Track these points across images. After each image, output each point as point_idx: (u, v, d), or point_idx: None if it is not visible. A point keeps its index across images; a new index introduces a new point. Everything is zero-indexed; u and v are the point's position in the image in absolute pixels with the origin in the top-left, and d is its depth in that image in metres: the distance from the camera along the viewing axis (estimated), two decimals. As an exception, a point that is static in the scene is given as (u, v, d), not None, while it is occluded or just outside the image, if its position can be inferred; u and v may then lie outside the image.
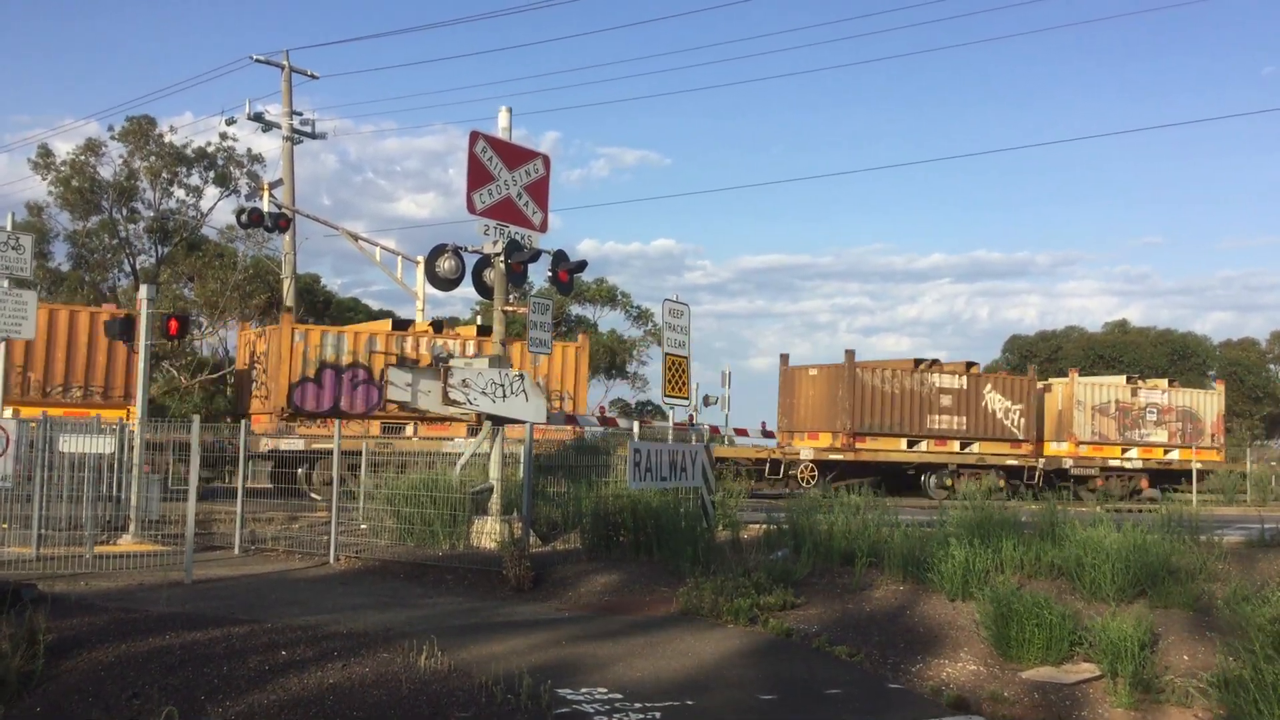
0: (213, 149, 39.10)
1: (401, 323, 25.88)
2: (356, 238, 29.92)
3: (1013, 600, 8.36)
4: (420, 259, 26.74)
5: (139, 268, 39.16)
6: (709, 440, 15.39)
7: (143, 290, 15.82)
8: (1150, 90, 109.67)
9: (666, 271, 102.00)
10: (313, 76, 32.74)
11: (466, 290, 66.87)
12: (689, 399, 14.34)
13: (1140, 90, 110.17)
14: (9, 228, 14.37)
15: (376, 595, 10.88)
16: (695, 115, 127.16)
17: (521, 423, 13.29)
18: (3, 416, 12.98)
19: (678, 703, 6.91)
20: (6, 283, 13.85)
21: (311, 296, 42.29)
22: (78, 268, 38.81)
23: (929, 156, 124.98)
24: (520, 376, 13.34)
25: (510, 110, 15.58)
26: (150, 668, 7.08)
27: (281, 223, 26.92)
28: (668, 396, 13.68)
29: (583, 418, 21.82)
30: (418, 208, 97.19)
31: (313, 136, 32.23)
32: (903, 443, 30.01)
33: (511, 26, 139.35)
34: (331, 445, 13.00)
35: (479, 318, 33.94)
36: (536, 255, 15.12)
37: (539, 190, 15.38)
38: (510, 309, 15.49)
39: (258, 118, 31.25)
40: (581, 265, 15.92)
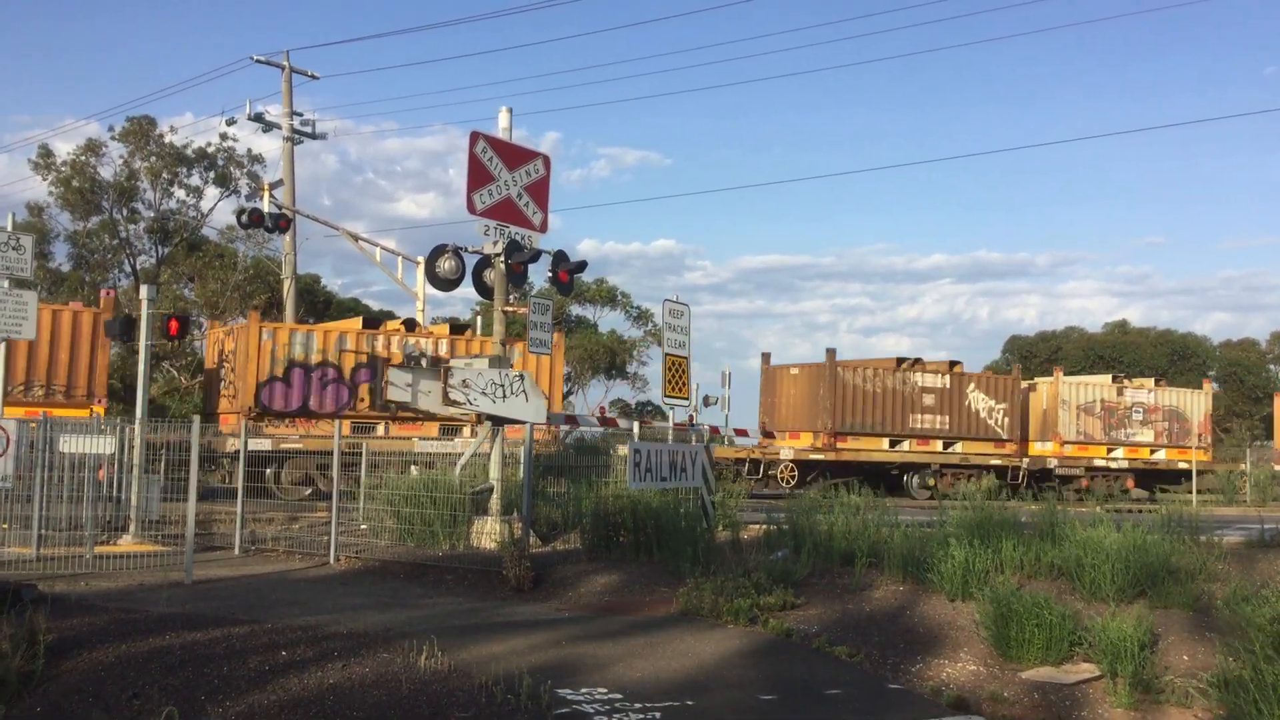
0: (213, 149, 39.16)
1: (372, 321, 25.80)
2: (357, 238, 29.93)
3: (1013, 600, 8.37)
4: (420, 259, 26.75)
5: (139, 268, 39.19)
6: (709, 440, 15.41)
7: (143, 290, 15.83)
8: (1152, 90, 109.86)
9: (667, 272, 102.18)
10: (313, 77, 32.76)
11: (467, 290, 66.97)
12: (689, 399, 14.35)
13: (1142, 90, 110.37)
14: (9, 228, 14.36)
15: (376, 595, 10.89)
16: (697, 115, 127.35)
17: (521, 423, 13.31)
18: (2, 417, 12.98)
19: (678, 703, 6.92)
20: (7, 283, 13.85)
21: (312, 297, 42.31)
22: (78, 268, 38.83)
23: (931, 157, 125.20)
24: (520, 377, 13.36)
25: (510, 111, 15.61)
26: (150, 668, 7.09)
27: (282, 223, 26.95)
28: (668, 397, 13.69)
29: (554, 415, 21.72)
30: (418, 208, 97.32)
31: (313, 137, 32.23)
32: (885, 442, 29.85)
33: (513, 26, 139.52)
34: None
35: (479, 318, 33.94)
36: (537, 255, 15.14)
37: (539, 190, 15.39)
38: (510, 309, 15.51)
39: (258, 118, 31.25)
40: (582, 265, 15.93)
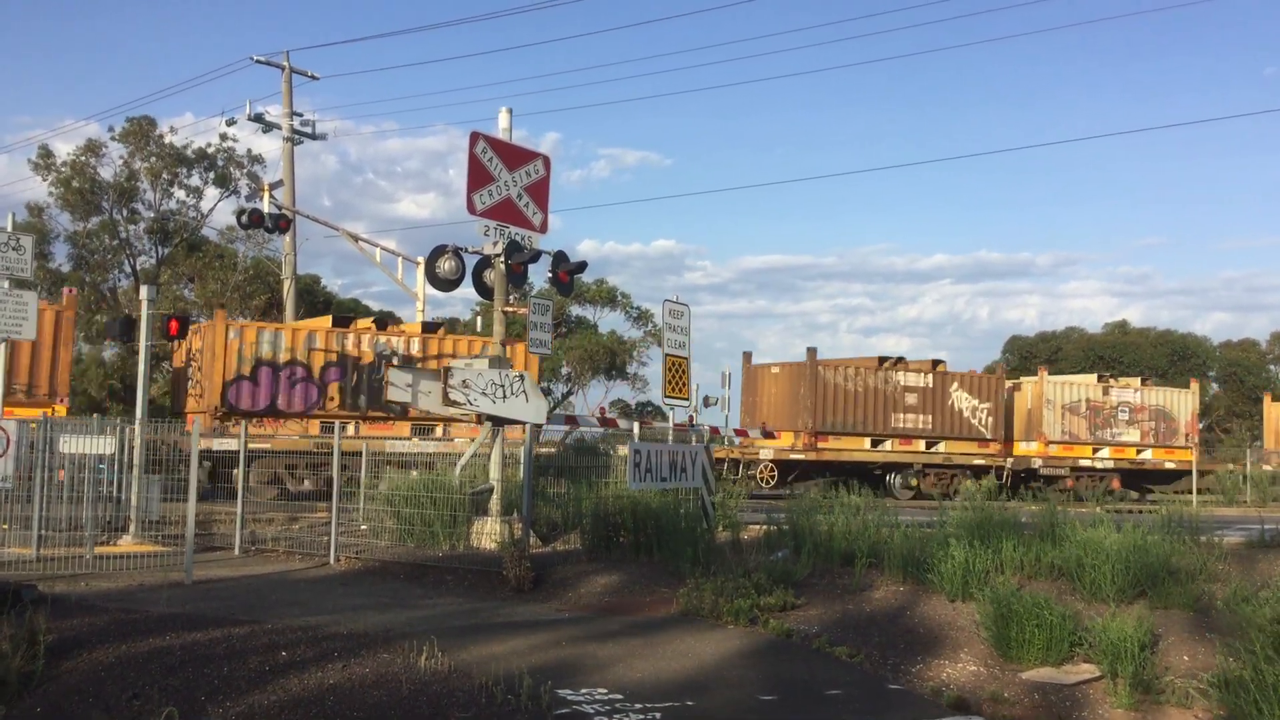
0: (213, 150, 39.12)
1: (343, 319, 25.77)
2: (357, 238, 29.92)
3: (1013, 601, 8.37)
4: (420, 260, 26.73)
5: (139, 269, 39.17)
6: (709, 441, 15.41)
7: (143, 291, 15.84)
8: (1153, 90, 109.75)
9: (667, 272, 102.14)
10: (313, 77, 32.77)
11: (467, 291, 67.02)
12: (689, 400, 14.36)
13: (1143, 90, 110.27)
14: (9, 228, 14.37)
15: (376, 596, 10.89)
16: (698, 115, 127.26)
17: (521, 423, 13.31)
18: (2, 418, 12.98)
19: (678, 703, 6.92)
20: (7, 284, 13.86)
21: (312, 297, 42.28)
22: (78, 268, 38.78)
23: (933, 157, 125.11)
24: (520, 377, 13.35)
25: (510, 111, 15.61)
26: (150, 668, 7.09)
27: (282, 224, 26.93)
28: (668, 397, 13.69)
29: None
30: (418, 208, 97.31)
31: (313, 137, 32.24)
32: (866, 442, 29.69)
33: (514, 27, 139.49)
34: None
35: (479, 318, 33.96)
36: (537, 256, 15.14)
37: (539, 191, 15.39)
38: (510, 310, 15.51)
39: (258, 118, 31.26)
40: (581, 266, 15.94)
